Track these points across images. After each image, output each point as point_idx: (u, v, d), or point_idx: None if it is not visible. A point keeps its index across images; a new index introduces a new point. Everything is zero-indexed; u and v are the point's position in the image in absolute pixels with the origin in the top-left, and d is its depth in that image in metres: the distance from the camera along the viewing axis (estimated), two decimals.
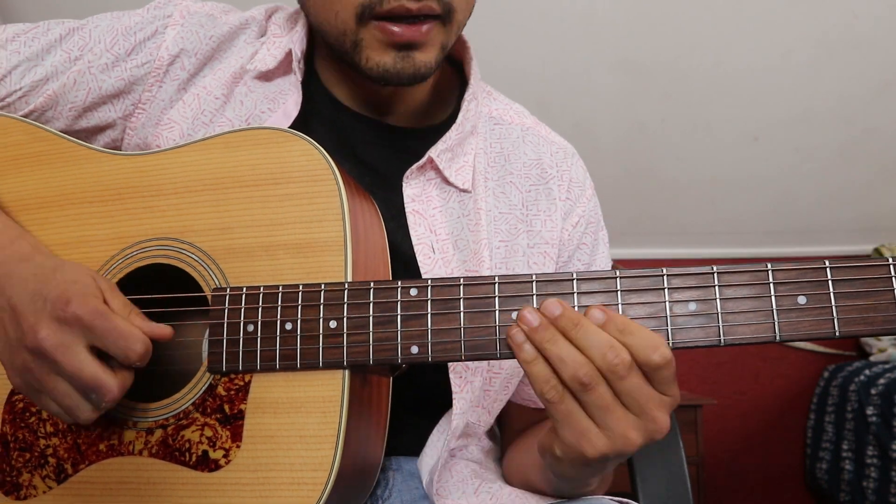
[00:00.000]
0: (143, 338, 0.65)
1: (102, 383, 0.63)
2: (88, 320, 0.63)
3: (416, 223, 0.81)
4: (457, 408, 0.79)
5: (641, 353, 0.58)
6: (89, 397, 0.64)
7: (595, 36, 2.73)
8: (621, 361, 0.58)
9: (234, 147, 0.74)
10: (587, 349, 0.58)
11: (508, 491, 0.80)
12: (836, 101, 2.91)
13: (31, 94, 0.84)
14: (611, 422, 0.59)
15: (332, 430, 0.65)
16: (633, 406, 0.59)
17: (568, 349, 0.59)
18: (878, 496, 2.62)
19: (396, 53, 0.77)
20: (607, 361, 0.58)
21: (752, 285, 0.61)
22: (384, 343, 0.65)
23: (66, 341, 0.63)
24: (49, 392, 0.65)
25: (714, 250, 3.27)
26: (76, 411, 0.65)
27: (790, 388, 3.25)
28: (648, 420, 0.60)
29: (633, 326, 0.59)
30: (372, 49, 0.77)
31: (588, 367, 0.58)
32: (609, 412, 0.59)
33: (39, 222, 0.77)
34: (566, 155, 0.93)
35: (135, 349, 0.64)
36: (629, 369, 0.58)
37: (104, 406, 0.65)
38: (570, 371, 0.58)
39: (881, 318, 0.58)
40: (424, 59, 0.78)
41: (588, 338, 0.58)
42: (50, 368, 0.64)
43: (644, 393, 0.59)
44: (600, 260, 0.92)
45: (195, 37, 0.86)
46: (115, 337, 0.63)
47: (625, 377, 0.58)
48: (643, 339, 0.58)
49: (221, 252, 0.71)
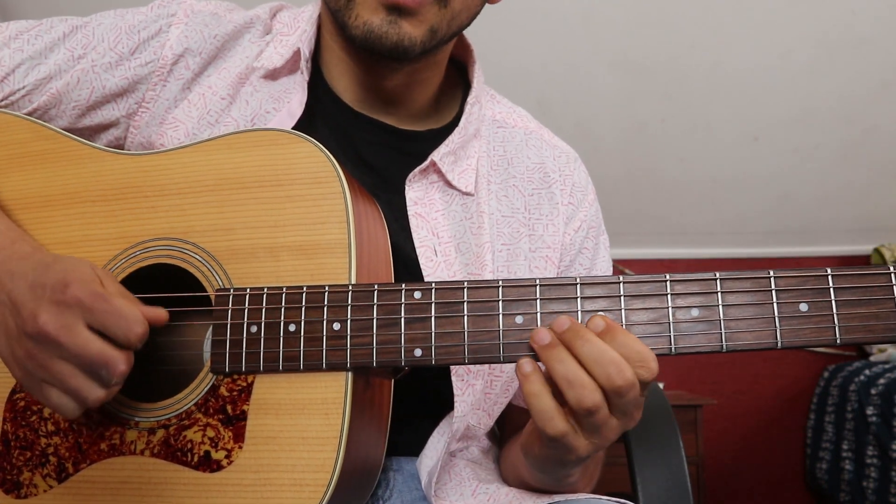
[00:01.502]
0: (142, 318, 0.64)
1: (110, 357, 0.62)
2: (89, 302, 0.63)
3: (419, 226, 0.81)
4: (458, 410, 0.79)
5: (635, 371, 0.59)
6: (98, 374, 0.63)
7: (595, 36, 2.73)
8: (625, 383, 0.58)
9: (238, 148, 0.74)
10: (589, 364, 0.59)
11: (506, 491, 0.80)
12: (836, 101, 2.91)
13: (35, 92, 0.84)
14: (601, 434, 0.62)
15: (335, 432, 0.65)
16: (621, 416, 0.61)
17: (576, 371, 0.60)
18: (878, 496, 2.62)
19: (386, 15, 0.76)
20: (612, 383, 0.58)
21: (754, 292, 0.61)
22: (388, 345, 0.65)
23: (67, 323, 0.62)
24: (55, 377, 0.63)
25: (714, 250, 3.27)
26: (84, 392, 0.63)
27: (790, 388, 3.25)
28: (630, 420, 0.62)
29: (630, 340, 0.60)
30: (363, 7, 0.77)
31: (596, 393, 0.59)
32: (603, 427, 0.61)
33: (42, 220, 0.77)
34: (569, 159, 0.93)
35: (135, 329, 0.63)
36: (631, 387, 0.59)
37: (114, 384, 0.64)
38: (577, 396, 0.59)
39: (882, 325, 0.59)
40: (411, 31, 0.77)
41: (593, 353, 0.59)
42: (53, 352, 0.63)
43: (634, 403, 0.61)
44: (601, 264, 0.93)
45: (199, 36, 0.85)
46: (116, 317, 0.63)
47: (625, 396, 0.59)
48: (639, 354, 0.59)
49: (225, 253, 0.71)
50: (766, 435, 3.25)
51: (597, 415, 0.60)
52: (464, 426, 0.82)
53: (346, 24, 0.78)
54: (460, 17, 0.81)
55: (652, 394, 1.06)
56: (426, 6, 0.77)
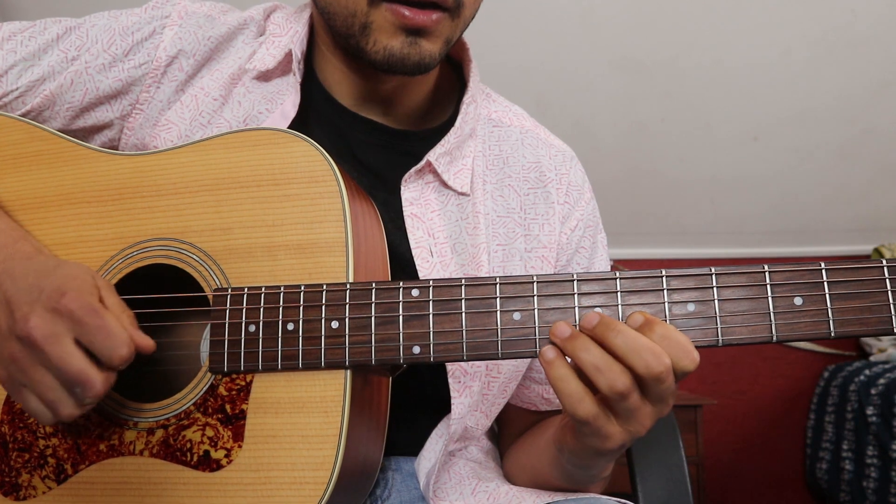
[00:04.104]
0: (129, 342, 0.64)
1: (88, 377, 0.62)
2: (80, 315, 0.62)
3: (415, 227, 0.81)
4: (455, 412, 0.79)
5: (676, 362, 0.59)
6: (73, 391, 0.63)
7: (595, 35, 2.73)
8: (665, 368, 0.58)
9: (234, 148, 0.74)
10: (626, 354, 0.59)
11: (506, 489, 0.80)
12: (836, 101, 2.91)
13: (28, 94, 0.84)
14: (635, 420, 0.61)
15: (335, 430, 0.65)
16: (657, 402, 0.61)
17: (603, 357, 0.59)
18: (878, 496, 2.62)
19: (405, 38, 0.76)
20: (650, 369, 0.58)
21: (749, 286, 0.62)
22: (386, 343, 0.65)
23: (56, 332, 0.62)
24: (34, 385, 0.63)
25: (714, 250, 3.27)
26: (58, 405, 0.64)
27: (790, 388, 3.25)
28: (665, 407, 0.62)
29: (671, 332, 0.59)
30: (381, 32, 0.77)
31: (625, 375, 0.59)
32: (636, 413, 0.61)
33: (38, 222, 0.77)
34: (565, 158, 0.93)
35: (119, 352, 0.63)
36: (669, 374, 0.59)
37: (87, 403, 0.64)
38: (608, 381, 0.59)
39: (875, 318, 0.60)
40: (430, 48, 0.78)
41: (628, 342, 0.59)
42: (36, 359, 0.63)
43: (671, 391, 0.60)
44: (599, 263, 0.92)
45: (193, 38, 0.85)
46: (103, 335, 0.63)
47: (664, 382, 0.59)
48: (681, 345, 0.59)
49: (222, 252, 0.71)
50: (766, 435, 3.25)
51: (629, 398, 0.59)
52: (462, 428, 0.82)
53: (364, 49, 0.78)
54: (468, 20, 0.82)
55: None
56: (442, 22, 0.77)
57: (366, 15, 0.76)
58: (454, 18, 0.78)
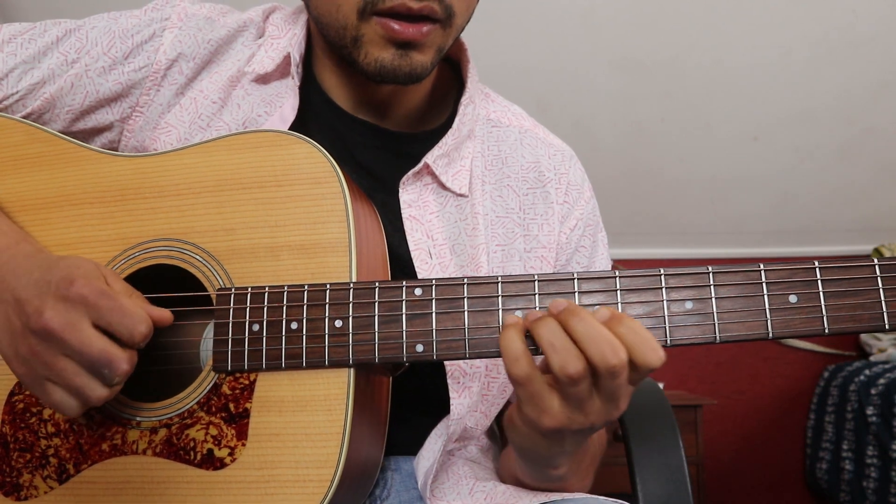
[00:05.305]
0: (146, 318, 0.65)
1: (113, 356, 0.63)
2: (93, 299, 0.63)
3: (413, 229, 0.82)
4: (454, 413, 0.79)
5: (640, 355, 0.58)
6: (101, 373, 0.63)
7: (595, 35, 2.73)
8: (620, 362, 0.57)
9: (236, 149, 0.74)
10: (584, 340, 0.58)
11: (503, 489, 0.80)
12: (836, 101, 2.91)
13: (28, 97, 0.84)
14: (581, 410, 0.60)
15: (338, 428, 0.65)
16: (607, 399, 0.60)
17: (562, 338, 0.58)
18: (878, 496, 2.62)
19: (395, 51, 0.77)
20: (605, 360, 0.57)
21: (745, 285, 0.63)
22: (389, 342, 0.66)
23: (71, 320, 0.63)
24: (58, 374, 0.64)
25: (713, 250, 3.27)
26: (87, 391, 0.64)
27: (790, 388, 3.25)
28: (615, 409, 0.61)
29: (637, 327, 0.59)
30: (372, 45, 0.77)
31: (579, 361, 0.58)
32: (584, 403, 0.60)
33: (40, 223, 0.77)
34: (564, 158, 0.93)
35: (139, 328, 0.64)
36: (623, 369, 0.58)
37: (116, 383, 0.64)
38: (560, 361, 0.58)
39: (868, 315, 0.62)
40: (422, 59, 0.78)
41: (587, 330, 0.58)
42: (57, 349, 0.63)
43: (624, 388, 0.60)
44: (599, 262, 0.92)
45: (193, 41, 0.85)
46: (119, 315, 0.63)
47: (618, 377, 0.58)
48: (645, 339, 0.58)
49: (225, 253, 0.72)
50: (766, 435, 3.25)
51: (579, 384, 0.58)
52: (461, 428, 0.82)
53: (356, 60, 0.78)
54: (461, 26, 0.82)
55: (652, 394, 1.07)
56: (432, 33, 0.77)
57: (356, 28, 0.77)
58: (446, 28, 0.78)
